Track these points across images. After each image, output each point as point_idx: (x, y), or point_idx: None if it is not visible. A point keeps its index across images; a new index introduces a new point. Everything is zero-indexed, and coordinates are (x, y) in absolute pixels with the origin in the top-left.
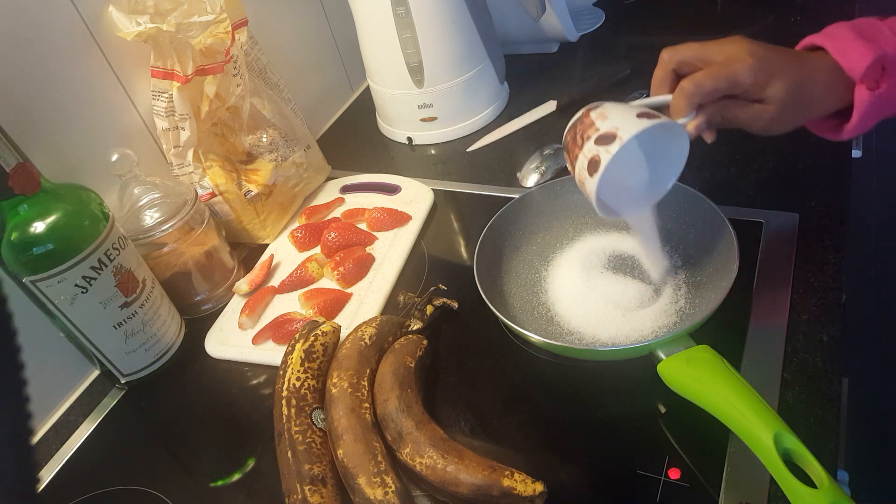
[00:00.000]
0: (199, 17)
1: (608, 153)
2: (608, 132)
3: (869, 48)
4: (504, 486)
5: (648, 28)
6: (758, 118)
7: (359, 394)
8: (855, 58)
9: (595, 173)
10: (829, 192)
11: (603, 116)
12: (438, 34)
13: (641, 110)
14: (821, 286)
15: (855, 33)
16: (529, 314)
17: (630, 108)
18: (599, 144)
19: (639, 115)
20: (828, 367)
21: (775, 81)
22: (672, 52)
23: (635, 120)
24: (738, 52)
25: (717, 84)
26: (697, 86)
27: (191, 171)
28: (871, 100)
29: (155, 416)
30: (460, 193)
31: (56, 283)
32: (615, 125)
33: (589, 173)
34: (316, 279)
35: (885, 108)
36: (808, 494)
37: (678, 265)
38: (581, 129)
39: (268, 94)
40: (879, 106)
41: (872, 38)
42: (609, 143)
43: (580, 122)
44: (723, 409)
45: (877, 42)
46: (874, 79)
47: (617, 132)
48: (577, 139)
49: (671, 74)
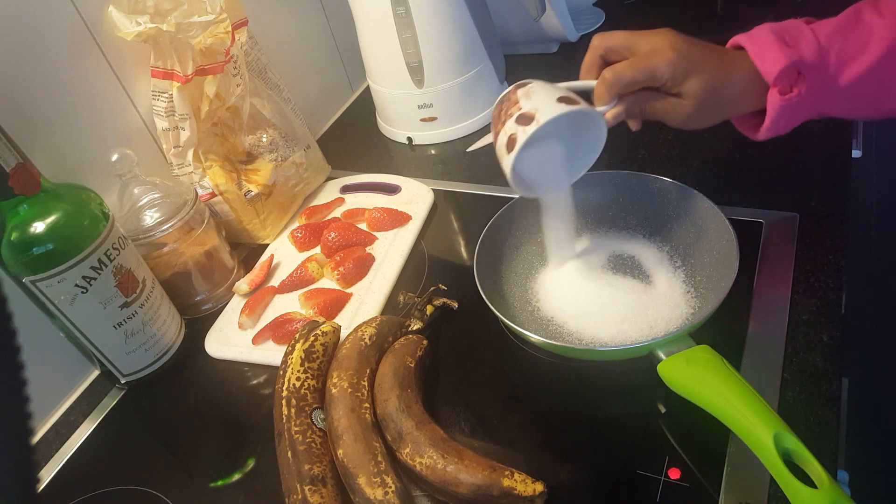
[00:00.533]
0: (199, 17)
1: (524, 133)
2: (528, 112)
3: (785, 53)
4: (504, 486)
5: (648, 28)
6: (674, 112)
7: (359, 394)
8: (770, 61)
9: (511, 151)
10: (829, 192)
11: (527, 95)
12: (438, 34)
13: (563, 94)
14: (821, 286)
15: (775, 36)
16: (529, 314)
17: (554, 91)
18: (519, 124)
19: (559, 100)
20: (828, 367)
21: (692, 77)
22: (602, 38)
23: (555, 104)
24: (661, 45)
25: (637, 76)
26: (617, 76)
27: (191, 171)
28: (781, 104)
29: (155, 416)
30: (460, 193)
31: (56, 283)
32: (535, 106)
33: (507, 150)
34: (316, 279)
35: (802, 111)
36: (808, 494)
37: (678, 265)
38: (506, 105)
39: (268, 94)
40: (794, 110)
41: (793, 41)
42: (527, 124)
43: (507, 99)
44: (723, 409)
45: (796, 47)
46: (787, 83)
47: (535, 114)
48: (501, 115)
49: (599, 60)
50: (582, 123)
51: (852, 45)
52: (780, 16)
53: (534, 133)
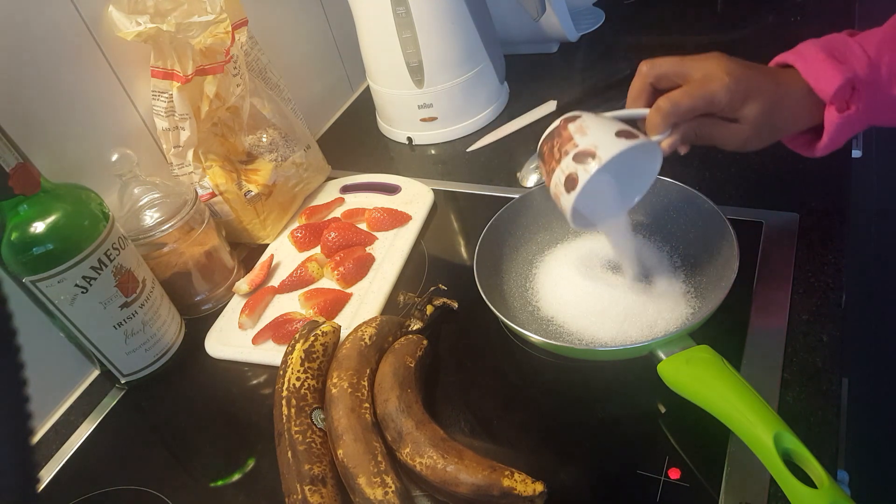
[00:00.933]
0: (199, 17)
1: (586, 172)
2: (587, 150)
3: (839, 70)
4: (504, 486)
5: (648, 28)
6: (732, 137)
7: (359, 394)
8: (825, 79)
9: (573, 191)
10: (829, 192)
11: (581, 132)
12: (438, 34)
13: (619, 127)
14: (821, 286)
15: (826, 53)
16: (529, 314)
17: (608, 124)
18: (578, 162)
19: (617, 134)
20: (828, 367)
21: (750, 102)
22: (650, 66)
23: (614, 139)
24: (715, 71)
25: (694, 104)
26: (674, 105)
27: (191, 171)
28: (840, 121)
29: (155, 416)
30: (460, 193)
31: (56, 283)
32: (594, 143)
33: (566, 189)
34: (316, 279)
35: (857, 125)
36: (808, 494)
37: (678, 265)
38: (559, 142)
39: (268, 94)
40: (850, 125)
41: (843, 58)
42: (587, 163)
43: (557, 135)
44: (723, 409)
45: (847, 62)
46: (844, 100)
47: (596, 151)
48: (555, 152)
49: (648, 88)
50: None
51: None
52: (780, 16)
53: (596, 172)
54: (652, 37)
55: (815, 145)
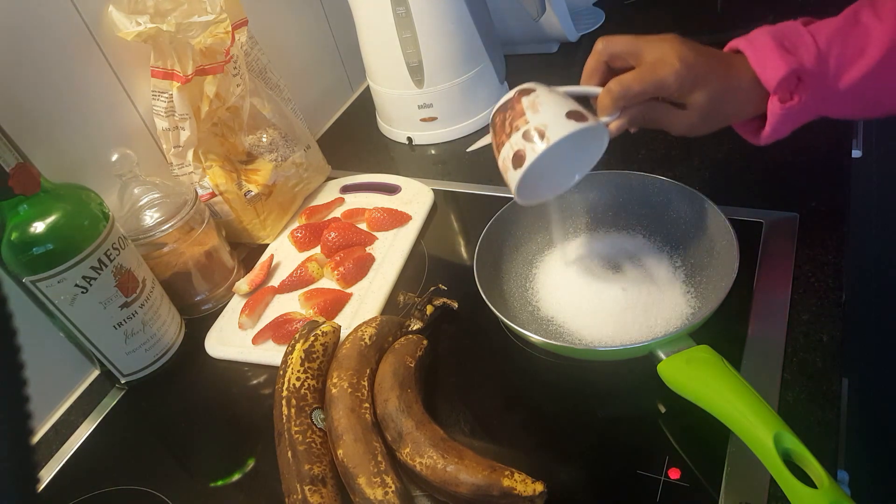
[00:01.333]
0: (199, 17)
1: (533, 152)
2: (537, 128)
3: (785, 60)
4: (504, 486)
5: (648, 28)
6: (679, 122)
7: (359, 394)
8: (771, 69)
9: (519, 167)
10: (829, 192)
11: (533, 108)
12: (438, 34)
13: (571, 107)
14: (821, 286)
15: (776, 42)
16: (529, 314)
17: (561, 103)
18: (527, 140)
19: (568, 115)
20: (828, 367)
21: (699, 89)
22: (606, 44)
23: (564, 121)
24: (668, 55)
25: (644, 88)
26: (624, 89)
27: (191, 171)
28: (782, 112)
29: (155, 416)
30: (460, 193)
31: (56, 283)
32: (544, 122)
33: (513, 165)
34: (316, 279)
35: (803, 115)
36: (808, 494)
37: (678, 265)
38: (511, 115)
39: (268, 94)
40: (795, 115)
41: (793, 47)
42: (536, 142)
43: (511, 107)
44: (723, 409)
45: (796, 53)
46: (788, 90)
47: (545, 131)
48: (506, 125)
49: (603, 66)
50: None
51: (851, 49)
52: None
53: (545, 152)
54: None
55: (760, 133)
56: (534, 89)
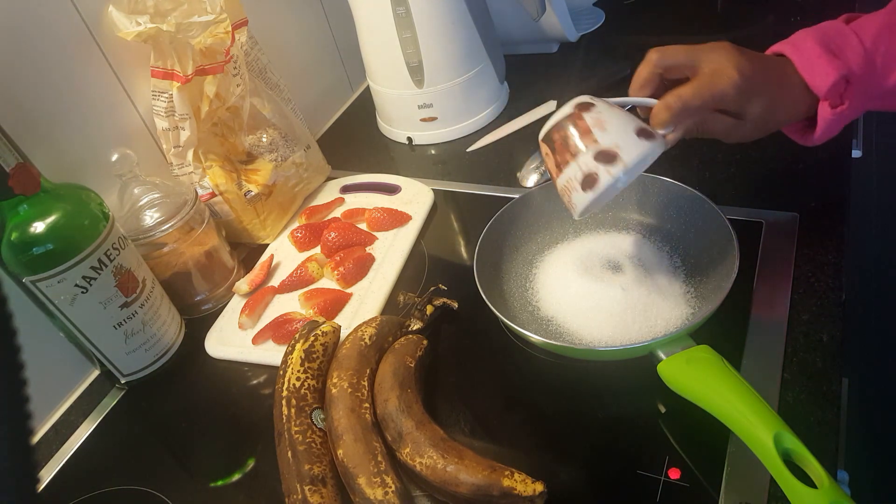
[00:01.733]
0: (199, 17)
1: (609, 175)
2: (609, 150)
3: (834, 65)
4: (504, 486)
5: (648, 28)
6: (732, 131)
7: (359, 394)
8: (820, 76)
9: (590, 191)
10: (829, 192)
11: (600, 125)
12: (438, 34)
13: (638, 125)
14: (821, 286)
15: (821, 47)
16: (529, 314)
17: (626, 120)
18: (600, 162)
19: (638, 134)
20: (828, 367)
21: (756, 100)
22: (661, 55)
23: (636, 140)
24: (725, 66)
25: (704, 103)
26: (684, 104)
27: (191, 171)
28: (832, 117)
29: (155, 416)
30: (460, 193)
31: (56, 283)
32: (615, 142)
33: (582, 188)
34: (316, 279)
35: (851, 116)
36: (808, 494)
37: (678, 265)
38: (574, 133)
39: (268, 94)
40: (843, 118)
41: (839, 50)
42: (611, 164)
43: (573, 124)
44: (723, 409)
45: (842, 56)
46: (837, 95)
47: (619, 153)
48: (570, 144)
49: (656, 77)
50: None
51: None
52: (780, 16)
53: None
54: (652, 37)
55: (809, 135)
56: (593, 104)
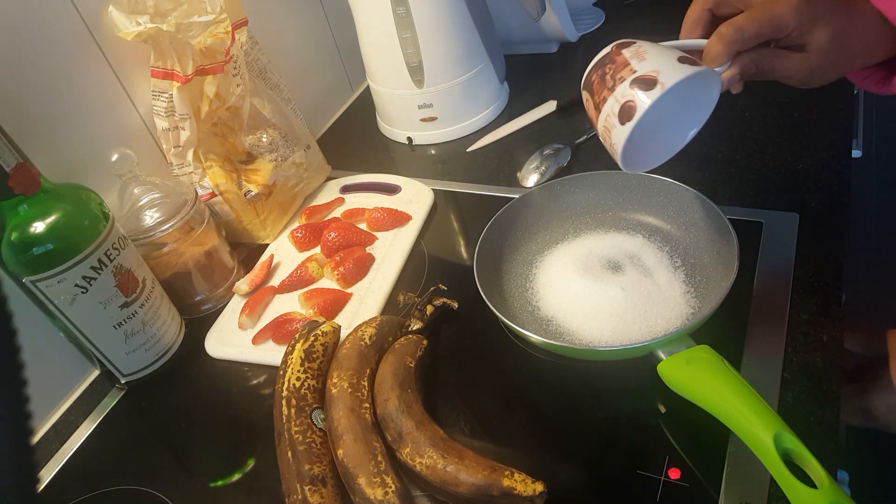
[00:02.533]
0: (199, 17)
1: (648, 98)
2: (647, 76)
3: None
4: (504, 486)
5: (648, 28)
6: (797, 68)
7: (359, 394)
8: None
9: (628, 122)
10: (829, 192)
11: (639, 56)
12: (438, 34)
13: (680, 54)
14: (821, 286)
15: None
16: (529, 314)
17: (668, 51)
18: (636, 88)
19: (680, 60)
20: (828, 367)
21: (820, 25)
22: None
23: (677, 65)
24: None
25: (761, 29)
26: (738, 31)
27: (191, 171)
28: None
29: (155, 416)
30: (460, 193)
31: (56, 283)
32: (654, 68)
33: (619, 120)
34: (316, 279)
35: None
36: (808, 494)
37: (678, 265)
38: (612, 68)
39: (268, 94)
40: None
41: None
42: (649, 89)
43: (610, 60)
44: (723, 409)
45: None
46: None
47: (658, 76)
48: (607, 79)
49: (707, 15)
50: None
51: None
52: None
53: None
54: (652, 37)
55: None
56: (633, 41)
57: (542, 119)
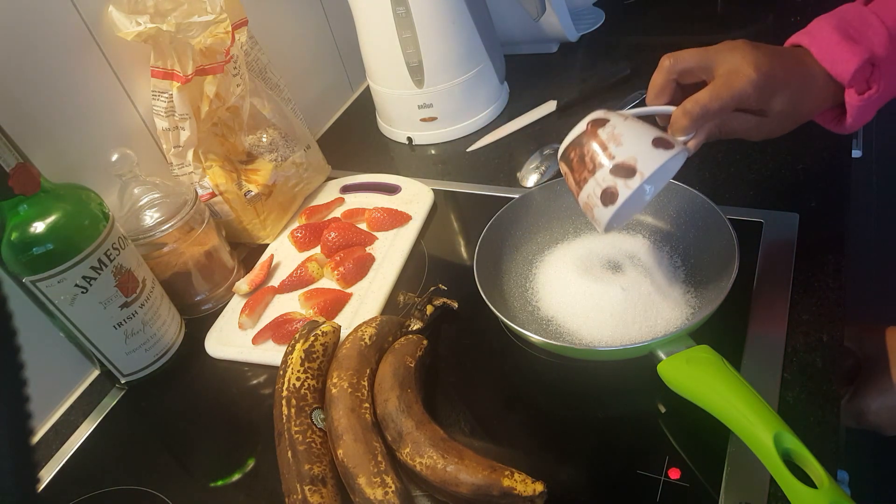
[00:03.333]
0: (199, 17)
1: (627, 188)
2: (625, 163)
3: (854, 51)
4: (504, 486)
5: (648, 28)
6: (758, 130)
7: (359, 394)
8: (841, 63)
9: (611, 205)
10: (829, 192)
11: (615, 140)
12: (438, 34)
13: (654, 135)
14: (821, 286)
15: (840, 34)
16: (529, 314)
17: (642, 131)
18: (617, 176)
19: (654, 144)
20: (828, 367)
21: (778, 95)
22: (674, 61)
23: (653, 150)
24: (741, 65)
25: (723, 105)
26: (703, 109)
27: (191, 171)
28: (861, 103)
29: (155, 416)
30: (460, 193)
31: (56, 283)
32: (632, 154)
33: (602, 203)
34: (316, 279)
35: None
36: (808, 494)
37: (678, 265)
38: (590, 150)
39: (268, 94)
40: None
41: (859, 35)
42: (628, 178)
43: (588, 141)
44: (723, 409)
45: (863, 40)
46: (864, 80)
47: (635, 165)
48: (587, 162)
49: (672, 83)
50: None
51: None
52: (780, 16)
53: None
54: (652, 37)
55: (843, 122)
56: (607, 119)
57: (542, 119)
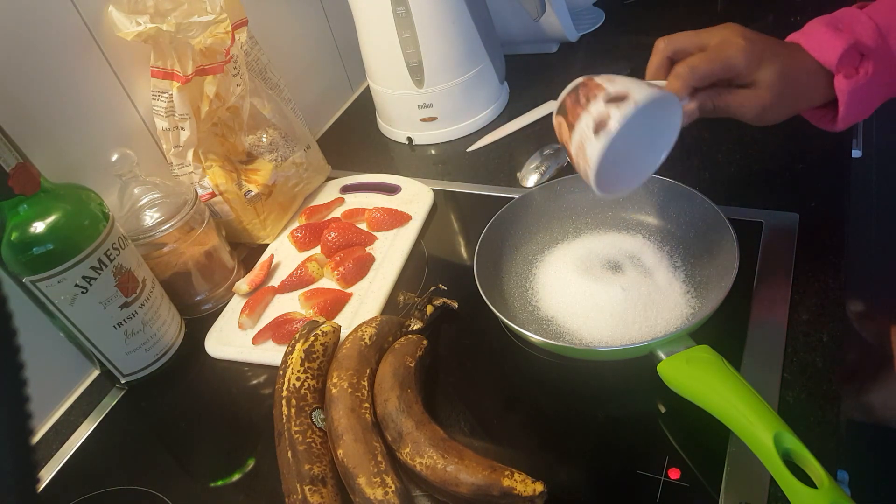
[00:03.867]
0: (199, 17)
1: (620, 112)
2: (620, 93)
3: (839, 37)
4: (504, 486)
5: (648, 28)
6: (749, 104)
7: (359, 394)
8: (829, 49)
9: (602, 132)
10: (829, 192)
11: (610, 80)
12: (438, 34)
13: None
14: (821, 286)
15: (828, 26)
16: (529, 314)
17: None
18: (610, 104)
19: (648, 85)
20: (828, 367)
21: (767, 64)
22: (668, 41)
23: (646, 87)
24: (730, 36)
25: (712, 66)
26: (692, 69)
27: (191, 171)
28: (850, 88)
29: (155, 416)
30: (460, 193)
31: (56, 283)
32: (626, 88)
33: (594, 132)
34: (316, 279)
35: (877, 92)
36: (808, 494)
37: (678, 265)
38: (584, 91)
39: (268, 94)
40: (866, 92)
41: (847, 27)
42: (621, 103)
43: (583, 86)
44: (723, 409)
45: (849, 31)
46: (851, 66)
47: (629, 94)
48: (581, 99)
49: (667, 62)
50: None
51: None
52: (780, 16)
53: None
54: (652, 37)
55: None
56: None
57: (542, 119)
